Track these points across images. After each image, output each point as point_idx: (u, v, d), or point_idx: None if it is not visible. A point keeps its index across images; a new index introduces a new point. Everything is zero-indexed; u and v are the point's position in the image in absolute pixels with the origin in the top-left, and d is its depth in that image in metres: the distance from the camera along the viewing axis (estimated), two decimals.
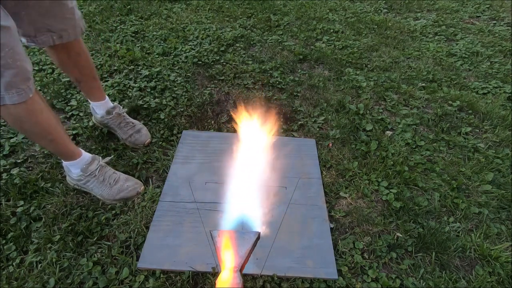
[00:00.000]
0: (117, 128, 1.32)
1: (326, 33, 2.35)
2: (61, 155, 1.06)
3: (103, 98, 1.29)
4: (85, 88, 1.25)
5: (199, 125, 1.47)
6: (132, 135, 1.30)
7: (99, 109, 1.30)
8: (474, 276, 0.98)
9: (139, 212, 1.07)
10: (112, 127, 1.32)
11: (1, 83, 0.80)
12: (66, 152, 1.05)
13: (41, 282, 0.89)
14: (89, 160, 1.09)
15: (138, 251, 0.97)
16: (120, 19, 2.30)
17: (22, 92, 0.84)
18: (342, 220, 1.11)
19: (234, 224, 1.04)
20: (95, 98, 1.28)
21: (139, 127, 1.34)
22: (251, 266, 0.93)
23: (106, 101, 1.30)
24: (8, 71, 0.79)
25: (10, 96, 0.82)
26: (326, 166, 1.30)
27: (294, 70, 1.91)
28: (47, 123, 0.93)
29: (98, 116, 1.32)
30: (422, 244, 1.04)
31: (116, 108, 1.30)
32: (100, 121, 1.33)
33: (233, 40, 2.13)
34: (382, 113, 1.61)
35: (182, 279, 0.90)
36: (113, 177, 1.11)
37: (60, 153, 1.06)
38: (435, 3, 2.97)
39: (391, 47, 2.20)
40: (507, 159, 1.36)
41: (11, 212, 1.04)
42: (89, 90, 1.26)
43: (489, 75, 1.95)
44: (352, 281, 0.93)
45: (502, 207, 1.19)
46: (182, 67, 1.83)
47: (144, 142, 1.31)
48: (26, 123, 0.90)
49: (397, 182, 1.24)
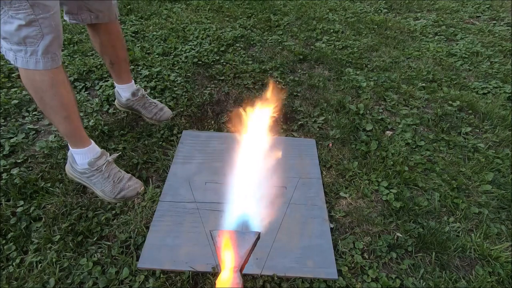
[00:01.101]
0: (142, 108, 1.42)
1: (326, 33, 2.35)
2: (71, 138, 1.05)
3: (130, 80, 1.39)
4: (116, 71, 1.33)
5: (199, 125, 1.47)
6: (156, 113, 1.42)
7: (125, 92, 1.39)
8: (474, 276, 0.98)
9: (139, 212, 1.07)
10: (137, 108, 1.43)
11: (40, 46, 0.83)
12: (77, 135, 1.05)
13: (41, 282, 0.89)
14: (98, 154, 1.09)
15: (138, 251, 0.97)
16: (120, 19, 2.30)
17: (56, 57, 0.88)
18: (342, 220, 1.11)
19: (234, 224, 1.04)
20: (123, 81, 1.37)
21: (161, 106, 1.46)
22: (251, 266, 0.93)
23: (132, 84, 1.39)
24: (49, 35, 0.84)
25: (45, 60, 0.86)
26: (326, 166, 1.30)
27: (294, 70, 1.91)
28: (67, 98, 0.96)
29: (123, 99, 1.41)
30: (422, 244, 1.04)
31: (140, 90, 1.41)
32: (125, 104, 1.42)
33: (233, 40, 2.13)
34: (382, 113, 1.61)
35: (182, 279, 0.90)
36: (118, 175, 1.11)
37: (70, 135, 1.05)
38: (435, 3, 2.97)
39: (391, 47, 2.20)
40: (507, 159, 1.36)
41: (11, 212, 1.04)
42: (119, 73, 1.34)
43: (489, 75, 1.95)
44: (352, 281, 0.93)
45: (502, 207, 1.19)
46: (182, 67, 1.83)
47: (169, 117, 1.45)
48: (47, 92, 0.92)
49: (397, 182, 1.24)
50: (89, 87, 1.65)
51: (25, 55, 0.85)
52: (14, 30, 0.81)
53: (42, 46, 0.84)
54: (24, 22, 0.80)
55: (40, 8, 0.80)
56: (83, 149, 1.06)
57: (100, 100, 1.54)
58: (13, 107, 1.46)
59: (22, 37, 0.82)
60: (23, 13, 0.78)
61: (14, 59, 0.87)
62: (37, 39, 0.83)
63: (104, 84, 1.63)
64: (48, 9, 0.81)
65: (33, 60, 0.86)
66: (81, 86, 1.64)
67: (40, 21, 0.81)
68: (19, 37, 0.82)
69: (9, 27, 0.81)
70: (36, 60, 0.85)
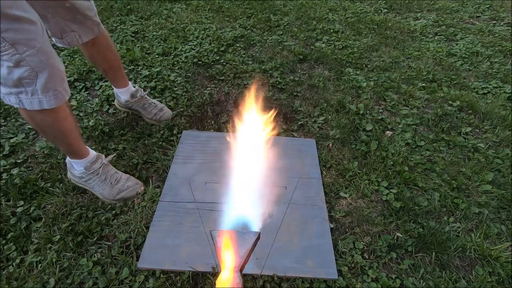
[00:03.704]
0: (142, 109, 1.43)
1: (326, 33, 2.35)
2: (70, 154, 1.06)
3: (127, 84, 1.38)
4: (111, 77, 1.35)
5: (199, 125, 1.47)
6: (156, 113, 1.42)
7: (124, 95, 1.39)
8: (474, 276, 0.98)
9: (139, 212, 1.07)
10: (137, 109, 1.43)
11: (38, 85, 0.78)
12: (76, 152, 1.05)
13: (41, 282, 0.89)
14: (93, 158, 1.09)
15: (138, 251, 0.97)
16: (120, 19, 2.30)
17: (59, 94, 0.82)
18: (342, 220, 1.11)
19: (234, 224, 1.04)
20: (120, 85, 1.37)
21: (160, 106, 1.45)
22: (251, 266, 0.93)
23: (130, 87, 1.39)
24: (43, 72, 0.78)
25: (47, 99, 0.81)
26: (326, 166, 1.30)
27: (294, 70, 1.91)
28: (68, 130, 0.95)
29: (122, 101, 1.41)
30: (422, 244, 1.04)
31: (139, 91, 1.41)
32: (125, 105, 1.43)
33: (233, 40, 2.13)
34: (382, 113, 1.61)
35: (182, 279, 0.90)
36: (115, 176, 1.11)
37: (69, 153, 1.06)
38: (435, 3, 2.97)
39: (391, 47, 2.20)
40: (507, 159, 1.36)
41: (11, 212, 1.04)
42: (115, 79, 1.35)
43: (489, 75, 1.95)
44: (352, 281, 0.93)
45: (502, 207, 1.19)
46: (182, 67, 1.83)
47: (169, 117, 1.45)
48: (49, 128, 0.91)
49: (397, 182, 1.24)
50: (89, 87, 1.65)
51: (27, 96, 0.80)
52: (6, 74, 0.76)
53: (39, 85, 0.79)
54: (12, 64, 0.74)
55: (22, 45, 0.73)
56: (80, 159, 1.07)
57: (100, 100, 1.54)
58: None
59: (16, 79, 0.77)
60: (7, 54, 0.73)
61: (18, 102, 0.81)
62: (31, 78, 0.78)
63: (104, 84, 1.63)
64: (32, 44, 0.75)
65: (36, 101, 0.81)
66: (81, 86, 1.64)
67: (28, 59, 0.75)
68: (13, 80, 0.77)
69: (2, 71, 0.76)
70: (39, 100, 0.81)
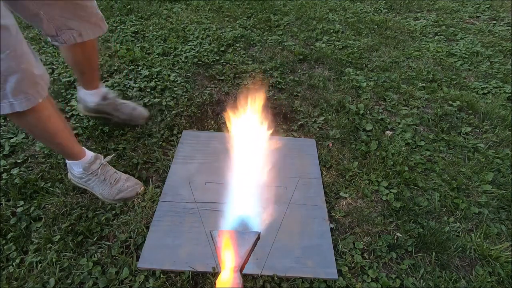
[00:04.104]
0: (113, 111, 1.34)
1: (326, 33, 2.35)
2: (65, 155, 1.07)
3: (99, 85, 1.32)
4: (87, 79, 1.27)
5: (199, 125, 1.47)
6: (131, 113, 1.35)
7: (94, 97, 1.31)
8: (474, 276, 0.98)
9: (139, 212, 1.07)
10: (108, 111, 1.34)
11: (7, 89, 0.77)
12: (70, 153, 1.05)
13: (41, 282, 0.89)
14: (92, 159, 1.09)
15: (138, 251, 0.97)
16: (120, 19, 2.30)
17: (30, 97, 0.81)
18: (342, 220, 1.11)
19: (234, 224, 1.04)
20: (93, 87, 1.30)
21: (133, 105, 1.38)
22: (251, 266, 0.93)
23: (101, 88, 1.32)
24: (13, 76, 0.76)
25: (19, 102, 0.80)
26: (326, 166, 1.30)
27: (294, 70, 1.91)
28: (55, 129, 0.94)
29: (91, 104, 1.32)
30: (422, 244, 1.04)
31: (110, 93, 1.33)
32: (94, 108, 1.34)
33: (233, 40, 2.13)
34: (382, 113, 1.61)
35: (182, 279, 0.90)
36: (114, 176, 1.11)
37: (64, 154, 1.07)
38: (435, 3, 2.97)
39: (391, 47, 2.20)
40: (507, 159, 1.36)
41: (11, 212, 1.04)
42: (89, 80, 1.28)
43: (489, 75, 1.95)
44: (352, 281, 0.93)
45: (502, 207, 1.19)
46: (182, 67, 1.83)
47: (145, 116, 1.38)
48: (35, 128, 0.91)
49: (397, 182, 1.24)
50: None
51: None
52: None
53: (9, 88, 0.77)
54: None
55: None
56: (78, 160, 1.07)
57: None
58: None
59: None
60: None
61: None
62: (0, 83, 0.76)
63: (104, 84, 1.63)
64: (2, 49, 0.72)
65: (6, 104, 0.79)
66: None
67: None
68: None
69: None
70: (11, 103, 0.79)
